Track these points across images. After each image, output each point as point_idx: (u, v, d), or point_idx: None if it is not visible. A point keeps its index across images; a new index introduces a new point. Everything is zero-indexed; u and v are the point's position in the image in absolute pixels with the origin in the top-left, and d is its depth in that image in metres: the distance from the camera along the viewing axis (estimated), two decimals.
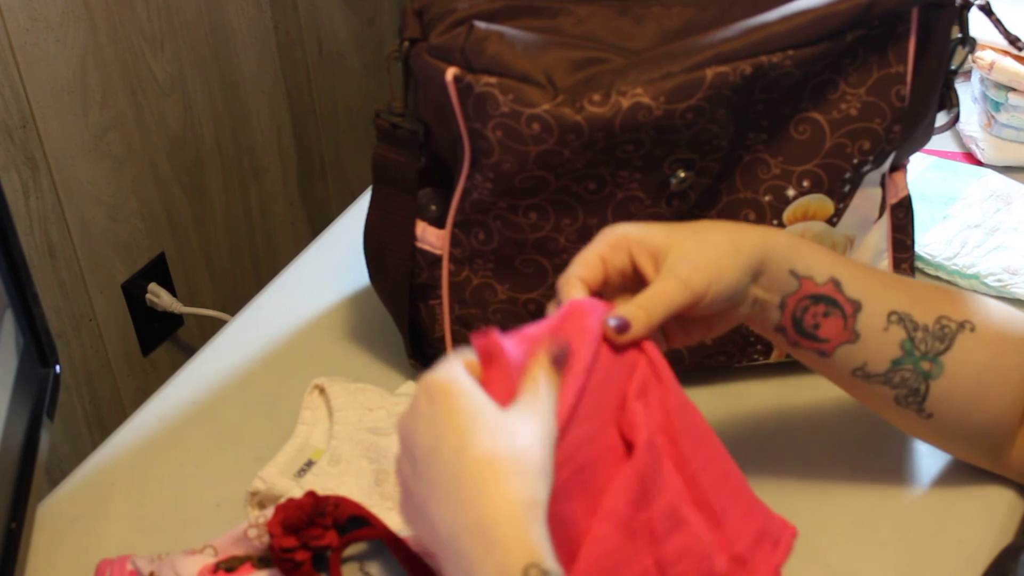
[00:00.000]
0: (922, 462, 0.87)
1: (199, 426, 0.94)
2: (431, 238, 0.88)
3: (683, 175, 0.82)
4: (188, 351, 1.53)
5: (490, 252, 0.86)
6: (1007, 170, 1.14)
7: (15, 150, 1.25)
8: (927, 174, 1.13)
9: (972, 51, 0.86)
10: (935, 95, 0.87)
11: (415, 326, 0.93)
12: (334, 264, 1.09)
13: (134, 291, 1.45)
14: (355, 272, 1.04)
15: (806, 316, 0.75)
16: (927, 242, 1.04)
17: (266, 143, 1.61)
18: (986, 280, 1.01)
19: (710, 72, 0.77)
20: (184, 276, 1.53)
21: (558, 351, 0.64)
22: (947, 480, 0.86)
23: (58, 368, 0.91)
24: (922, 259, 1.03)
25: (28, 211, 1.29)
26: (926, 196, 1.09)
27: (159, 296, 1.47)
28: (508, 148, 0.79)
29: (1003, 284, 1.01)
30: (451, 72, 0.79)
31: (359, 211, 1.08)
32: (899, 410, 0.79)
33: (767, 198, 0.85)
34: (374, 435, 0.87)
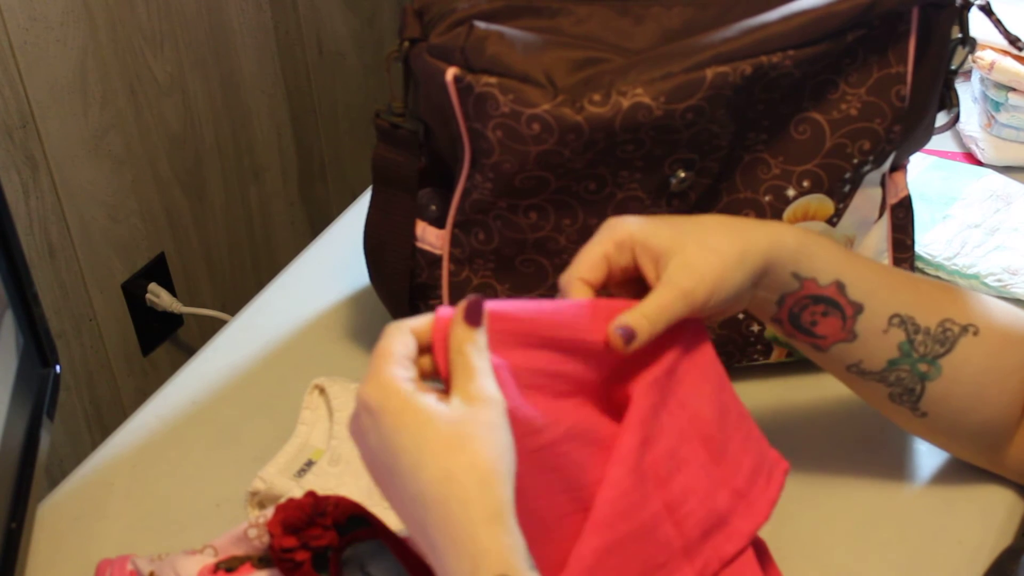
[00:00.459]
0: (922, 462, 0.87)
1: (199, 426, 0.94)
2: (431, 238, 0.88)
3: (683, 175, 0.82)
4: (188, 351, 1.53)
5: (490, 252, 0.86)
6: (1007, 170, 1.14)
7: (15, 150, 1.25)
8: (927, 174, 1.13)
9: (972, 51, 0.86)
10: (935, 95, 0.87)
11: None
12: (334, 264, 1.09)
13: (134, 291, 1.45)
14: (355, 272, 1.04)
15: (804, 313, 0.75)
16: (927, 242, 1.04)
17: (266, 143, 1.60)
18: (986, 280, 1.01)
19: (710, 72, 0.77)
20: (184, 276, 1.53)
21: (471, 308, 0.62)
22: (947, 480, 0.85)
23: (58, 368, 0.91)
24: (922, 259, 1.03)
25: (28, 211, 1.28)
26: (926, 196, 1.09)
27: (159, 296, 1.47)
28: (508, 148, 0.79)
29: (1003, 284, 1.01)
30: (451, 72, 0.79)
31: (359, 211, 1.08)
32: (893, 406, 0.79)
33: (767, 198, 0.85)
34: None
